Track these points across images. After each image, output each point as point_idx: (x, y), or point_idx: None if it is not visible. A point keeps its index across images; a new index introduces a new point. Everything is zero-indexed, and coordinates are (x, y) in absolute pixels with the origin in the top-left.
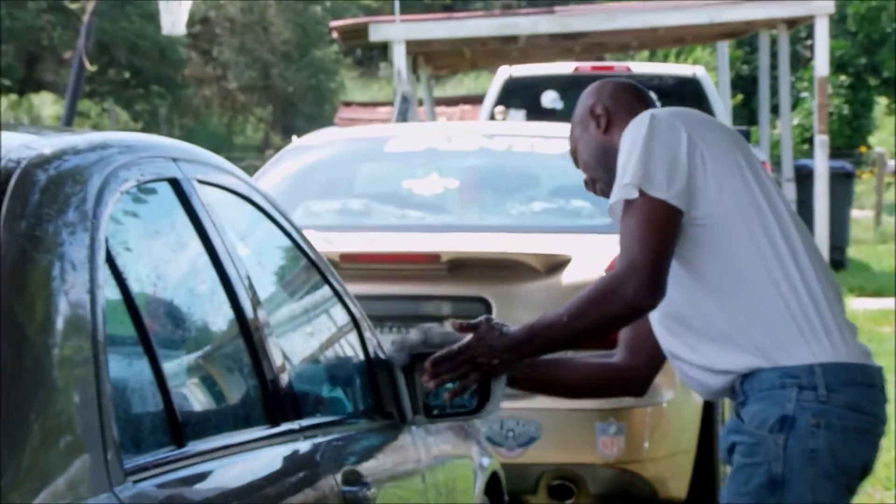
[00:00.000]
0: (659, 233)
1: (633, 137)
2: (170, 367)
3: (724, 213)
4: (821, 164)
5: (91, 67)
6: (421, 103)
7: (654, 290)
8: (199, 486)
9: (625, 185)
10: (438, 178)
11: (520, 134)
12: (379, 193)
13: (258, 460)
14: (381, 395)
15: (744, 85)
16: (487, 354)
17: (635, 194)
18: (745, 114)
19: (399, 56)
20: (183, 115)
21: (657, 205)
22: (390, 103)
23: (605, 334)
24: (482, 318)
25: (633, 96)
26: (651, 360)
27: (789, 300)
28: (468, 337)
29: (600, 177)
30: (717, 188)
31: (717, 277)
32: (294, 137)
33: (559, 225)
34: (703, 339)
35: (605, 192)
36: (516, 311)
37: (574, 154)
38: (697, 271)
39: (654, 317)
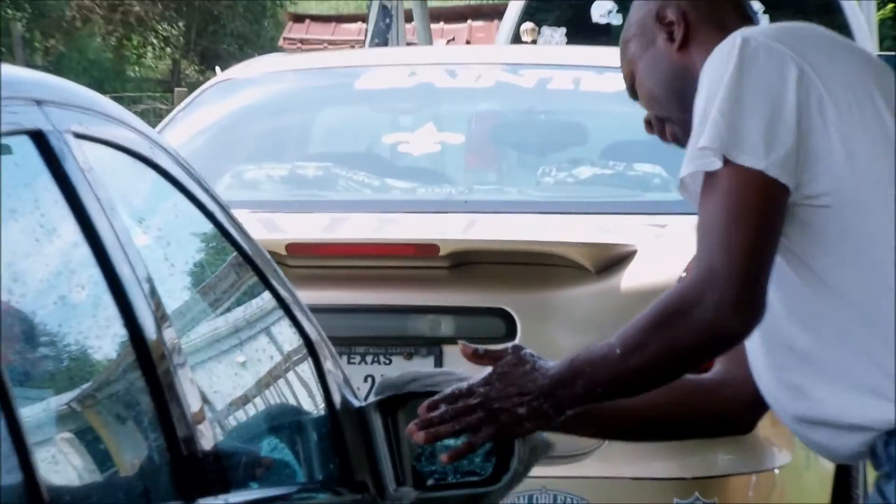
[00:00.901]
0: (754, 221)
1: (714, 75)
2: (30, 414)
3: (854, 189)
4: None
5: None
6: (409, 18)
7: (746, 307)
8: None
9: (701, 149)
10: (435, 130)
11: (557, 63)
12: (346, 154)
13: None
14: (349, 456)
15: None
16: (511, 399)
17: (717, 164)
18: None
19: None
20: (49, 34)
21: (751, 179)
22: (363, 18)
23: (678, 373)
24: (508, 345)
25: None
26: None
27: None
28: (483, 372)
29: (673, 115)
30: (843, 151)
31: (842, 284)
32: (217, 69)
33: (617, 201)
34: (818, 376)
35: (680, 139)
36: (552, 329)
37: (630, 81)
38: (811, 273)
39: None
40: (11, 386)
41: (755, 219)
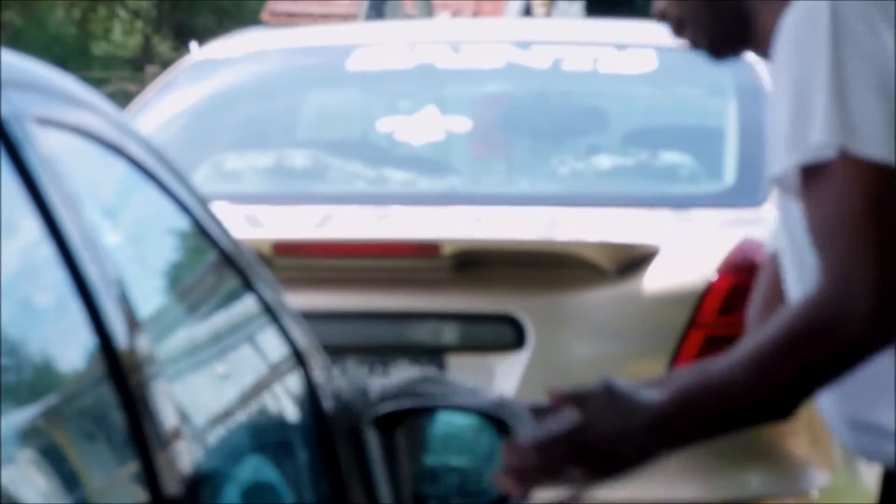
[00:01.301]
0: (886, 218)
1: (802, 49)
2: None
3: None
4: None
5: None
6: None
7: (893, 315)
8: None
9: (814, 143)
10: (438, 114)
11: (574, 40)
12: (337, 141)
13: None
14: (342, 477)
15: None
16: (614, 441)
17: (832, 154)
18: None
19: None
20: (5, 5)
21: (877, 170)
22: None
23: (818, 392)
24: (598, 381)
25: None
26: None
27: None
28: (569, 415)
29: (696, 19)
30: None
31: None
32: (194, 45)
33: (640, 193)
34: (873, 376)
35: (699, 42)
36: (567, 337)
37: None
38: None
39: None
40: None
41: (886, 216)
